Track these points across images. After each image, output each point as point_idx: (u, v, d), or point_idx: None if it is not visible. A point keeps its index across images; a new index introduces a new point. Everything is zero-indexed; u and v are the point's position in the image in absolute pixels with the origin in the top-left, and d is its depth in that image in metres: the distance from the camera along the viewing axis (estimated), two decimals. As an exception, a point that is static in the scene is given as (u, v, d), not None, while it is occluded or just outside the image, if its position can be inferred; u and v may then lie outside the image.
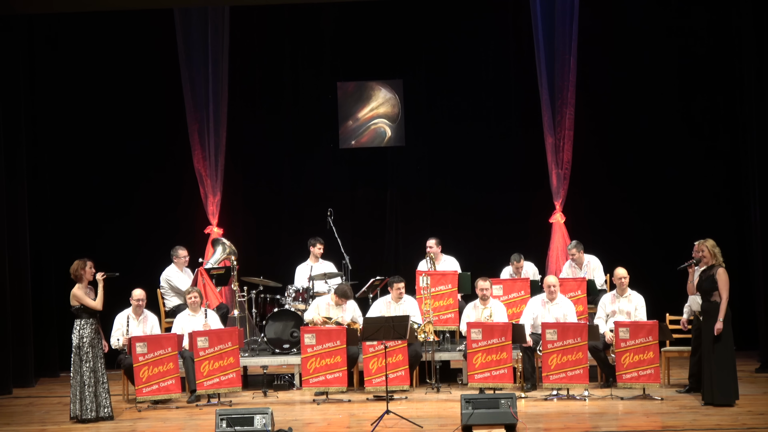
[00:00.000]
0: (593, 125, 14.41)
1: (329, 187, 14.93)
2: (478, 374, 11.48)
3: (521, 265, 13.23)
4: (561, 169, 14.00)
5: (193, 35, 14.08)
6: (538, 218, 14.30)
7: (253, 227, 14.92)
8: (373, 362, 11.71)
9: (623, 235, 14.33)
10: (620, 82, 14.51)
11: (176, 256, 13.15)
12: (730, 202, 14.42)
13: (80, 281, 10.90)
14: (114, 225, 14.47)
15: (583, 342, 11.35)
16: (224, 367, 11.59)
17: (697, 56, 14.44)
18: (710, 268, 10.92)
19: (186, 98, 14.09)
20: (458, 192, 14.86)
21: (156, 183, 14.59)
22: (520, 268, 13.23)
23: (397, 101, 14.95)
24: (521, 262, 13.21)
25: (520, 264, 13.21)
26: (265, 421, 9.82)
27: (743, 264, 13.86)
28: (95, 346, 10.88)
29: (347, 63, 14.98)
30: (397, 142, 14.99)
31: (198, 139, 14.11)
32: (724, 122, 14.39)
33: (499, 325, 11.64)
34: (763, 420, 10.17)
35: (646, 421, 10.32)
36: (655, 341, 11.35)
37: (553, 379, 11.40)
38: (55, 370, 13.93)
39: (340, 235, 13.62)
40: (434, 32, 14.81)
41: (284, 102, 14.96)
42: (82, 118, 14.53)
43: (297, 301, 12.96)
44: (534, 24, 13.94)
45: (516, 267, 13.21)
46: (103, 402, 10.90)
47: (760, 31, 13.28)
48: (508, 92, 14.79)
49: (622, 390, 11.47)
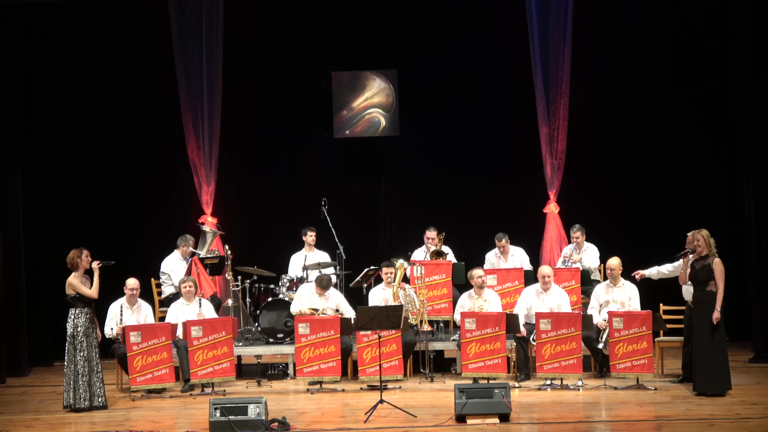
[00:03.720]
0: (588, 115, 14.41)
1: (323, 176, 14.93)
2: (472, 364, 11.48)
3: (505, 245, 13.19)
4: (555, 159, 13.99)
5: (187, 24, 14.04)
6: (532, 208, 14.30)
7: (247, 217, 14.92)
8: (367, 352, 11.71)
9: (618, 225, 14.34)
10: (615, 72, 14.51)
11: (185, 244, 13.11)
12: (724, 193, 14.43)
13: (76, 270, 10.89)
14: (108, 214, 14.48)
15: (577, 332, 11.36)
16: (218, 356, 11.59)
17: (691, 46, 14.43)
18: (705, 257, 10.93)
19: (180, 88, 14.06)
20: (452, 182, 14.86)
21: (150, 173, 14.58)
22: (505, 247, 13.20)
23: (392, 91, 14.94)
24: (503, 242, 13.17)
25: (503, 243, 13.18)
26: (258, 411, 9.83)
27: (737, 254, 13.89)
28: (89, 335, 10.87)
29: (341, 53, 14.96)
30: (392, 132, 14.98)
31: (192, 128, 14.08)
32: (719, 112, 14.39)
33: (492, 314, 11.65)
34: (756, 410, 10.19)
35: (640, 411, 10.33)
36: (648, 331, 11.36)
37: (546, 369, 11.41)
38: (48, 359, 13.93)
39: (335, 224, 13.61)
40: (429, 22, 14.79)
41: (278, 92, 14.95)
42: (77, 109, 14.51)
43: (291, 291, 12.95)
44: (528, 14, 13.92)
45: (500, 246, 13.18)
46: (97, 391, 10.90)
47: (754, 20, 13.29)
48: (503, 82, 14.79)
49: (615, 380, 11.49)
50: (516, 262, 13.28)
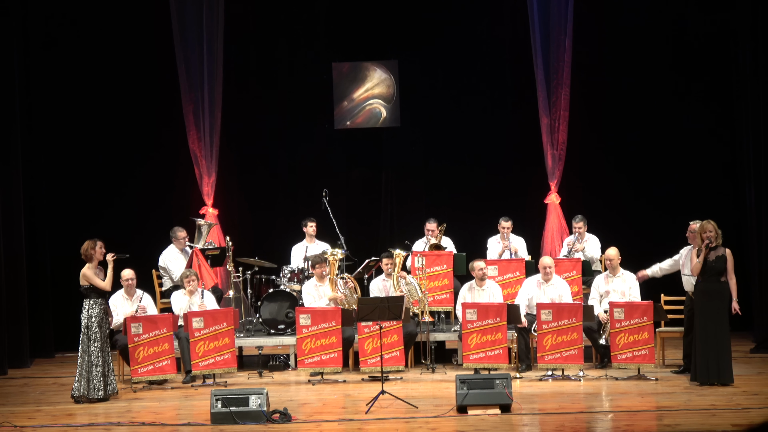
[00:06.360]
0: (589, 106, 14.40)
1: (324, 167, 14.92)
2: (473, 355, 11.49)
3: (509, 226, 13.21)
4: (556, 150, 13.98)
5: (187, 16, 14.02)
6: (533, 199, 14.30)
7: (248, 208, 14.92)
8: (368, 343, 11.71)
9: (619, 215, 14.34)
10: (616, 62, 14.50)
11: (175, 237, 13.12)
12: (725, 183, 14.43)
13: (90, 261, 10.92)
14: (109, 205, 14.46)
15: (578, 322, 11.36)
16: (219, 347, 11.60)
17: (693, 36, 14.42)
18: (715, 248, 10.88)
19: (181, 79, 14.05)
20: (453, 172, 14.86)
21: (151, 164, 14.58)
22: (508, 228, 13.20)
23: (393, 82, 14.93)
24: (509, 222, 13.19)
25: (508, 224, 13.19)
26: (260, 402, 9.83)
27: (738, 244, 13.85)
28: (103, 326, 10.91)
29: (342, 43, 14.95)
30: (393, 123, 14.97)
31: (193, 119, 14.07)
32: (720, 102, 14.38)
33: (494, 305, 11.64)
34: (757, 400, 10.19)
35: (641, 402, 10.34)
36: (649, 322, 11.36)
37: (548, 360, 11.42)
38: (50, 350, 13.93)
39: (336, 215, 13.61)
40: (430, 12, 14.78)
41: (279, 83, 14.94)
42: (77, 101, 14.48)
43: (292, 282, 12.96)
44: (529, 4, 13.91)
45: (503, 227, 13.18)
46: (111, 381, 10.96)
47: (756, 10, 13.26)
48: (504, 73, 14.79)
49: (616, 370, 11.49)
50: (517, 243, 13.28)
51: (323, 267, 12.32)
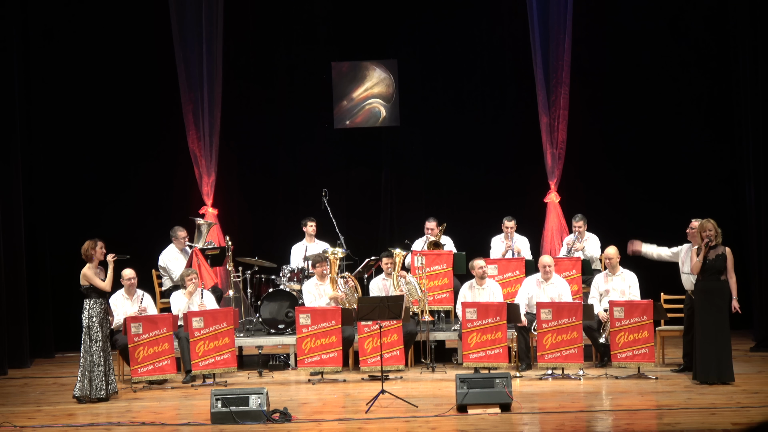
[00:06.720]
0: (588, 104, 14.40)
1: (324, 167, 14.92)
2: (473, 354, 11.49)
3: (513, 225, 13.20)
4: (556, 149, 13.98)
5: (187, 15, 14.02)
6: (532, 198, 14.30)
7: (248, 207, 14.92)
8: (368, 342, 11.71)
9: (619, 213, 14.34)
10: (615, 61, 14.49)
11: (175, 237, 13.12)
12: (726, 182, 14.42)
13: (90, 261, 10.93)
14: (108, 205, 14.45)
15: (578, 321, 11.36)
16: (219, 347, 11.60)
17: (693, 35, 14.41)
18: (715, 247, 10.88)
19: (180, 78, 14.04)
20: (453, 171, 14.86)
21: (151, 164, 14.58)
22: (511, 228, 13.20)
23: (392, 81, 14.92)
24: (512, 222, 13.19)
25: (512, 224, 13.19)
26: (260, 401, 9.84)
27: (738, 243, 13.85)
28: (104, 326, 10.92)
29: (342, 43, 14.95)
30: (392, 122, 14.97)
31: (192, 119, 14.07)
32: (721, 101, 14.37)
33: (493, 304, 11.64)
34: (757, 398, 10.20)
35: (641, 400, 10.34)
36: (649, 320, 11.36)
37: (548, 359, 11.41)
38: (50, 350, 13.93)
39: (335, 215, 13.60)
40: (429, 12, 14.77)
41: (279, 82, 14.94)
42: (77, 101, 14.48)
43: (292, 282, 12.96)
44: (529, 3, 13.90)
45: (506, 227, 13.18)
46: (112, 380, 10.97)
47: (755, 10, 13.26)
48: (503, 72, 14.78)
49: (616, 369, 11.49)
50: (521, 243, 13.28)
51: (324, 266, 12.33)
